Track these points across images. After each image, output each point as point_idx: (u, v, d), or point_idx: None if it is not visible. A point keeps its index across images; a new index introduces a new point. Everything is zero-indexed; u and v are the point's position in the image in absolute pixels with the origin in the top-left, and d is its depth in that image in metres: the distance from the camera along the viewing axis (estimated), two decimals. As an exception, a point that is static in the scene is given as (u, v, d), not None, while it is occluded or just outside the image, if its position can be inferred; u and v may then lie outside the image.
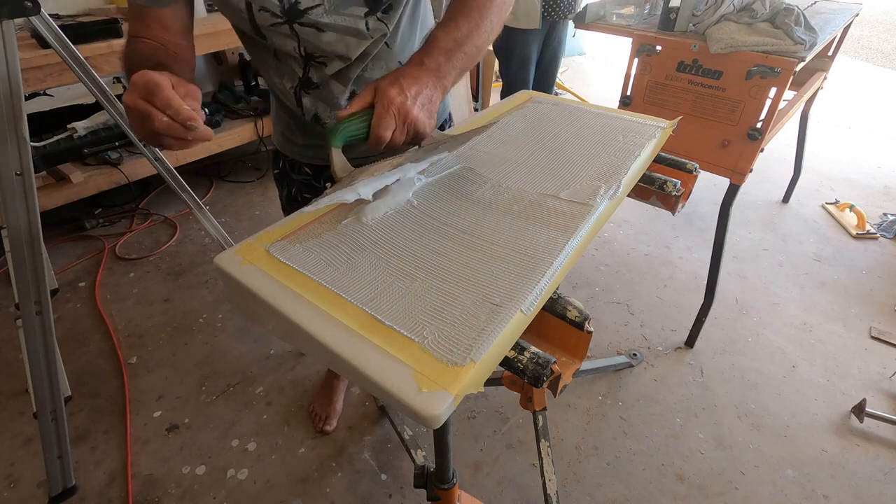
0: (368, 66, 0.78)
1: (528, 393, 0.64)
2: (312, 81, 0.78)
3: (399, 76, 0.59)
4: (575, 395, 1.49)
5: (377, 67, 0.79)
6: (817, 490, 1.26)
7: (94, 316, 1.76)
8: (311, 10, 0.68)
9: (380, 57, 0.78)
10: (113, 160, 2.02)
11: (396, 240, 0.61)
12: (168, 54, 0.65)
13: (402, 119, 0.57)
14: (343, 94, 0.79)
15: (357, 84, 0.79)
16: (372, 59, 0.77)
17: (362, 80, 0.79)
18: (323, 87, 0.78)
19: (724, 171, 1.36)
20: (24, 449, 1.34)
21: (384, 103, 0.56)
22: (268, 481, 1.27)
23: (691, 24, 1.33)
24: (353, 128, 0.58)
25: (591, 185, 0.72)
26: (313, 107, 0.81)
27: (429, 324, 0.49)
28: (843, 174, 2.73)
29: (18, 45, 0.89)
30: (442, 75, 0.62)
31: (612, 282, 1.95)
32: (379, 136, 0.57)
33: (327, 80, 0.77)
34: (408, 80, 0.58)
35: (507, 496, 1.25)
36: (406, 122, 0.58)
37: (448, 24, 0.64)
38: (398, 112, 0.57)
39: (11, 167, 0.92)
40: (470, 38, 0.64)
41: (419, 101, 0.59)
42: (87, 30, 1.70)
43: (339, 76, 0.78)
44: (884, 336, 1.69)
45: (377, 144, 0.58)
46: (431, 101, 0.61)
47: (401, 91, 0.57)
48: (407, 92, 0.57)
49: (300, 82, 0.78)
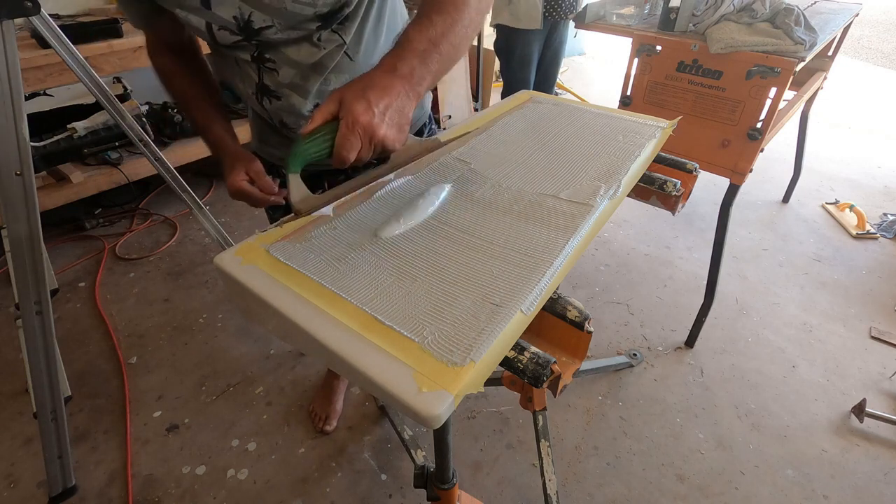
0: (331, 80, 0.77)
1: (528, 393, 0.64)
2: (269, 88, 0.78)
3: (367, 87, 0.53)
4: (575, 395, 1.49)
5: (341, 81, 0.77)
6: (817, 490, 1.26)
7: (94, 316, 1.76)
8: (264, 30, 0.69)
9: (342, 70, 0.77)
10: (113, 160, 2.02)
11: (396, 240, 0.61)
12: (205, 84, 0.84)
13: (367, 138, 0.52)
14: (305, 106, 0.79)
15: (320, 97, 0.78)
16: (333, 72, 0.76)
17: (326, 93, 0.77)
18: (283, 97, 0.78)
19: (724, 171, 1.36)
20: (24, 449, 1.34)
21: (349, 121, 0.51)
22: (268, 481, 1.27)
23: (691, 24, 1.33)
24: (315, 149, 0.53)
25: (591, 185, 0.72)
26: (277, 114, 0.81)
27: (429, 324, 0.49)
28: (843, 174, 2.73)
29: (18, 45, 0.89)
30: (415, 82, 0.56)
31: (612, 282, 1.95)
32: (343, 158, 0.52)
33: (284, 90, 0.77)
34: (376, 92, 0.53)
35: (507, 496, 1.25)
36: (373, 141, 0.53)
37: (422, 22, 0.58)
38: (364, 131, 0.52)
39: (11, 167, 0.92)
40: (446, 37, 0.58)
41: (388, 117, 0.53)
42: (87, 30, 1.70)
43: (297, 87, 0.77)
44: (884, 336, 1.69)
45: (341, 164, 0.53)
46: (402, 113, 0.55)
47: (367, 107, 0.52)
48: (374, 108, 0.52)
49: (257, 88, 0.79)
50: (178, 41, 0.83)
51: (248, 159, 0.77)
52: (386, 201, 0.69)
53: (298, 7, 0.66)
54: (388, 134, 0.54)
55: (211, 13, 0.67)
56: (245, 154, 0.79)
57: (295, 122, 0.81)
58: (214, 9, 0.67)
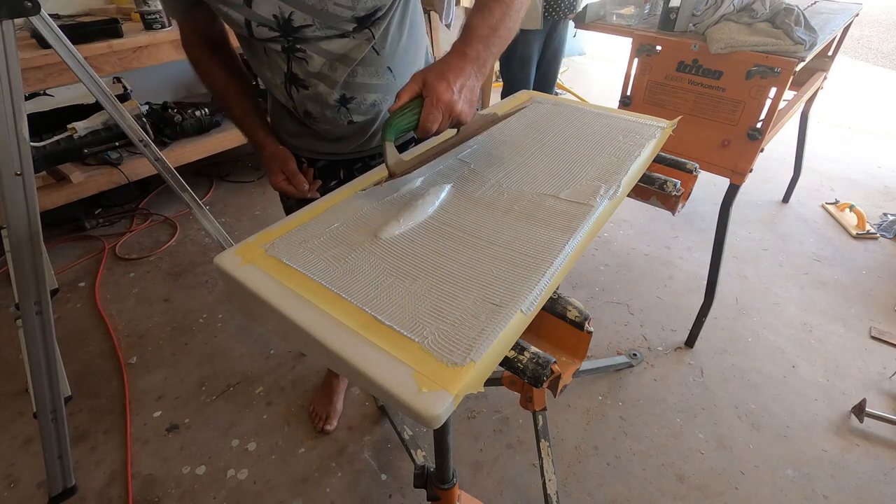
0: (357, 71, 0.81)
1: (528, 393, 0.64)
2: (298, 77, 0.81)
3: (445, 69, 0.63)
4: (575, 395, 1.49)
5: (367, 73, 0.82)
6: (817, 490, 1.26)
7: (94, 316, 1.76)
8: (303, 29, 0.74)
9: (368, 62, 0.81)
10: (113, 160, 2.02)
11: (396, 240, 0.61)
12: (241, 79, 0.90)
13: (447, 113, 0.62)
14: (332, 96, 0.82)
15: (347, 88, 0.82)
16: (360, 65, 0.80)
17: (353, 85, 0.82)
18: (311, 87, 0.81)
19: (724, 171, 1.36)
20: (24, 449, 1.34)
21: (433, 99, 0.61)
22: (268, 481, 1.27)
23: (691, 24, 1.33)
24: (404, 122, 0.63)
25: (591, 185, 0.72)
26: (303, 103, 0.84)
27: (429, 324, 0.49)
28: (843, 174, 2.73)
29: (18, 45, 0.89)
30: (481, 63, 0.66)
31: (612, 282, 1.95)
32: (427, 130, 0.62)
33: (312, 79, 0.80)
34: (453, 74, 0.63)
35: (507, 496, 1.25)
36: (451, 115, 0.63)
37: (482, 11, 0.68)
38: (445, 107, 0.62)
39: (11, 167, 0.92)
40: (503, 22, 0.68)
41: (463, 95, 0.64)
42: (87, 30, 1.70)
43: (325, 78, 0.80)
44: (884, 336, 1.69)
45: (424, 134, 0.63)
46: (473, 90, 0.66)
47: (448, 86, 0.62)
48: (453, 87, 0.62)
49: (286, 77, 0.81)
50: (212, 33, 0.87)
51: (283, 159, 0.86)
52: (388, 202, 0.69)
53: (339, 10, 0.72)
54: (463, 109, 0.64)
55: (251, 10, 0.71)
56: (282, 152, 0.87)
57: (319, 111, 0.84)
58: (255, 7, 0.71)
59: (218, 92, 0.89)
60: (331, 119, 0.85)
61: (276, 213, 2.34)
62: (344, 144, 0.93)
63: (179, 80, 2.60)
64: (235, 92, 0.88)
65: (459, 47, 0.66)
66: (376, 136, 0.93)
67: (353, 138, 0.92)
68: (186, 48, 0.87)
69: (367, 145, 0.94)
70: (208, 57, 0.87)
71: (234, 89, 0.88)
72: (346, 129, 0.89)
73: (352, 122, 0.87)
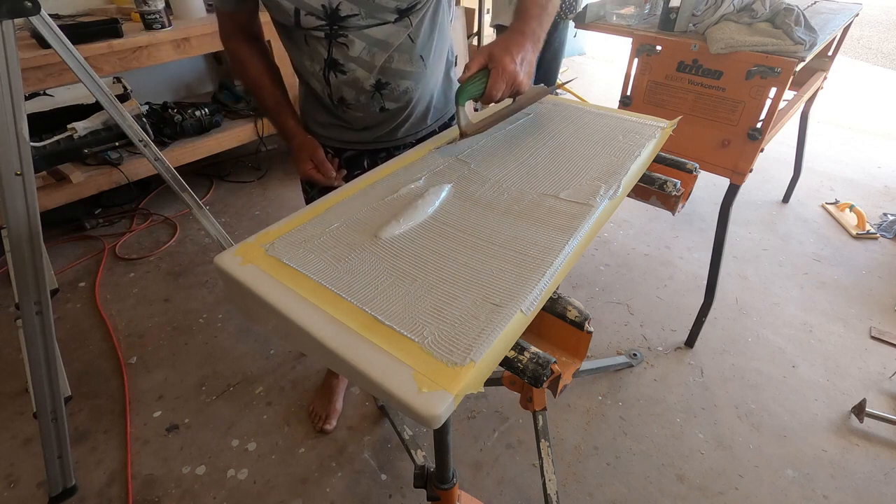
0: (394, 58, 0.86)
1: (528, 393, 0.64)
2: (338, 62, 0.85)
3: (509, 44, 0.72)
4: (575, 395, 1.49)
5: (402, 60, 0.87)
6: (817, 490, 1.26)
7: (94, 316, 1.76)
8: (349, 18, 0.79)
9: (404, 50, 0.86)
10: (113, 160, 2.02)
11: (396, 240, 0.61)
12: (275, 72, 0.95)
13: (510, 83, 0.72)
14: (368, 81, 0.86)
15: (382, 73, 0.87)
16: (396, 51, 0.85)
17: (389, 70, 0.87)
18: (349, 72, 0.85)
19: (724, 171, 1.36)
20: (24, 449, 1.34)
21: (499, 70, 0.70)
22: (268, 481, 1.27)
23: (691, 24, 1.33)
24: (473, 90, 0.72)
25: (591, 185, 0.72)
26: (339, 89, 0.88)
27: (429, 324, 0.49)
28: (843, 174, 2.73)
29: (18, 45, 0.89)
30: (536, 38, 0.76)
31: (612, 282, 1.94)
32: (492, 97, 0.72)
33: (351, 64, 0.84)
34: (516, 48, 0.72)
35: (507, 496, 1.25)
36: (513, 85, 0.72)
37: None
38: (509, 78, 0.71)
39: (11, 167, 0.92)
40: (550, 1, 0.79)
41: (524, 67, 0.73)
42: (87, 30, 1.70)
43: (364, 63, 0.84)
44: (884, 336, 1.69)
45: (489, 101, 0.72)
46: (531, 63, 0.75)
47: (511, 59, 0.71)
48: (516, 59, 0.71)
49: (326, 63, 0.85)
50: (251, 26, 0.92)
51: (312, 148, 0.92)
52: (388, 202, 0.69)
53: (385, 0, 0.78)
54: (523, 80, 0.73)
55: (302, 0, 0.76)
56: (310, 142, 0.93)
57: (354, 97, 0.89)
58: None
59: (252, 82, 0.93)
60: (364, 105, 0.90)
61: (277, 213, 2.35)
62: (371, 133, 0.96)
63: (179, 80, 2.60)
64: (269, 82, 0.93)
65: (517, 26, 0.76)
66: (403, 126, 0.97)
67: (381, 126, 0.95)
68: (225, 40, 0.92)
69: (393, 135, 0.98)
70: (246, 49, 0.92)
71: (267, 80, 0.93)
72: (377, 116, 0.93)
73: (384, 109, 0.91)
